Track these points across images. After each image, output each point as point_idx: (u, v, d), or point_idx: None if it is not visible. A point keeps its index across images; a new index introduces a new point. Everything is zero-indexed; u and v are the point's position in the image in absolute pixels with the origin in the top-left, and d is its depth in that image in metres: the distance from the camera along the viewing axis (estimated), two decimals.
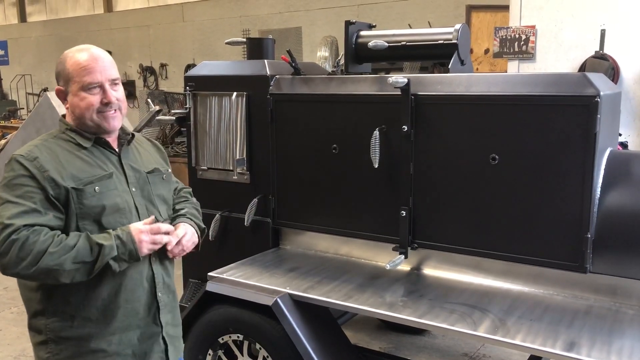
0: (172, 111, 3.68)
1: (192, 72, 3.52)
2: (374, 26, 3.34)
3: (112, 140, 2.02)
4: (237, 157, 3.28)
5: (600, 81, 2.48)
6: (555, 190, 2.46)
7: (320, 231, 3.14)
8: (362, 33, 3.22)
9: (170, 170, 2.22)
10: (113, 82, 1.94)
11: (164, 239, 1.93)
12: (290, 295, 2.72)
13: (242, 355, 2.89)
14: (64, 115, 2.03)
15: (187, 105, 3.46)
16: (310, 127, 3.08)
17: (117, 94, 1.95)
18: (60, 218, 1.83)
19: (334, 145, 2.99)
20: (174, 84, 14.07)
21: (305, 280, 2.86)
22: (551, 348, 2.17)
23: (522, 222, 2.54)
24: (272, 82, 3.18)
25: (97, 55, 1.92)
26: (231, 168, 3.34)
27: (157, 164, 2.15)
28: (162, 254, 2.03)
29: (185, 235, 2.04)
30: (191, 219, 2.16)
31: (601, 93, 2.34)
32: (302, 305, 2.72)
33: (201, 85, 3.42)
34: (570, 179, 2.42)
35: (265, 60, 3.30)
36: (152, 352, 2.01)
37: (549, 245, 2.49)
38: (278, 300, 2.67)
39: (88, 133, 1.95)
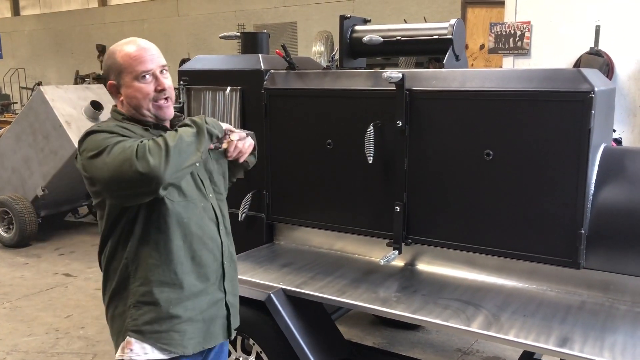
0: None
1: (186, 66, 3.50)
2: (369, 21, 3.32)
3: (167, 123, 2.09)
4: None
5: (594, 77, 2.48)
6: (550, 186, 2.45)
7: (315, 226, 3.14)
8: (357, 28, 3.21)
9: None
10: (163, 69, 2.00)
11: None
12: (284, 290, 2.72)
13: (236, 351, 2.88)
14: (115, 106, 2.07)
15: (181, 100, 3.44)
16: (305, 122, 3.06)
17: (168, 81, 2.01)
18: None
19: (329, 141, 2.98)
20: None
21: (299, 276, 2.86)
22: (544, 344, 2.18)
23: (516, 217, 2.54)
24: (266, 77, 3.17)
25: (145, 46, 1.98)
26: None
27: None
28: (227, 224, 2.17)
29: (240, 139, 2.13)
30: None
31: (596, 89, 2.34)
32: (295, 301, 2.72)
33: (195, 80, 3.40)
34: (565, 175, 2.42)
35: (260, 55, 3.28)
36: (217, 317, 2.09)
37: (543, 241, 2.49)
38: (271, 295, 2.66)
39: (147, 122, 2.02)
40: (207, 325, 2.05)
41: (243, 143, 2.12)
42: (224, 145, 2.08)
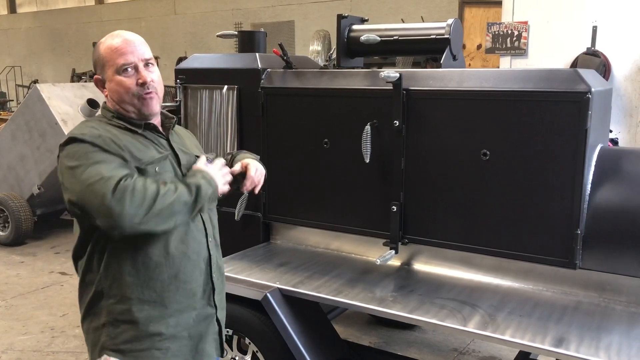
0: (163, 104, 3.64)
1: (183, 65, 3.49)
2: (367, 20, 3.32)
3: (157, 123, 1.99)
4: (228, 151, 3.26)
5: (591, 77, 2.48)
6: (546, 186, 2.46)
7: (311, 226, 3.13)
8: (355, 27, 3.20)
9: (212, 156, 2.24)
10: (147, 63, 1.89)
11: (228, 169, 1.96)
12: (280, 290, 2.71)
13: (232, 350, 2.88)
14: (104, 102, 1.98)
15: (178, 99, 3.44)
16: (302, 121, 3.06)
17: (152, 75, 1.90)
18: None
19: (326, 140, 2.98)
20: (165, 77, 13.98)
21: (296, 275, 2.85)
22: (540, 344, 2.18)
23: (512, 217, 2.54)
24: (263, 76, 3.16)
25: (128, 38, 1.89)
26: None
27: (197, 149, 2.16)
28: (216, 235, 2.06)
29: (257, 171, 2.05)
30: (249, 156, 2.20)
31: (592, 89, 2.34)
32: (292, 300, 2.71)
33: (192, 79, 3.39)
34: (561, 175, 2.42)
35: (257, 54, 3.28)
36: (207, 333, 2.01)
37: (539, 241, 2.49)
38: (268, 295, 2.66)
39: (134, 119, 1.91)
40: (195, 342, 1.96)
41: (259, 176, 2.05)
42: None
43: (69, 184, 1.75)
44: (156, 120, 1.98)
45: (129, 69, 1.86)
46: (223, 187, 1.92)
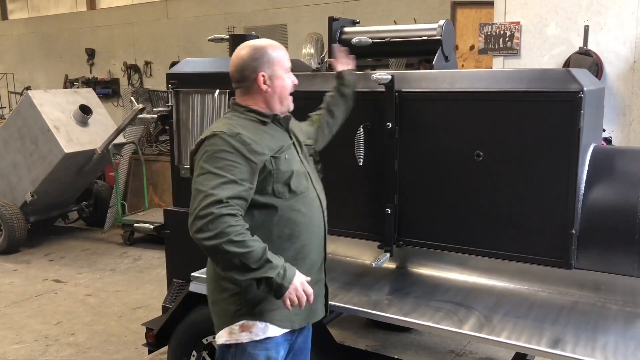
0: (155, 109, 3.63)
1: (175, 69, 3.47)
2: (358, 22, 3.31)
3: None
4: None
5: (584, 77, 2.48)
6: (540, 186, 2.45)
7: None
8: (346, 29, 3.20)
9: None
10: None
11: (303, 299, 2.02)
12: None
13: None
14: (233, 98, 2.24)
15: (170, 103, 3.42)
16: None
17: None
18: (252, 189, 2.02)
19: None
20: (158, 81, 13.93)
21: None
22: (536, 345, 2.17)
23: (507, 218, 2.53)
24: None
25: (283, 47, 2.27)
26: None
27: (305, 135, 2.41)
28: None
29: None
30: None
31: (585, 89, 2.34)
32: None
33: (184, 83, 3.37)
34: (555, 175, 2.42)
35: None
36: (318, 295, 2.23)
37: (534, 241, 2.49)
38: None
39: (264, 113, 2.17)
40: (309, 304, 2.11)
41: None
42: None
43: (194, 171, 2.06)
44: None
45: (290, 72, 2.22)
46: (283, 298, 1.98)
